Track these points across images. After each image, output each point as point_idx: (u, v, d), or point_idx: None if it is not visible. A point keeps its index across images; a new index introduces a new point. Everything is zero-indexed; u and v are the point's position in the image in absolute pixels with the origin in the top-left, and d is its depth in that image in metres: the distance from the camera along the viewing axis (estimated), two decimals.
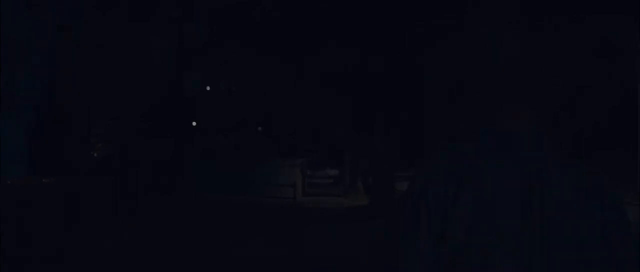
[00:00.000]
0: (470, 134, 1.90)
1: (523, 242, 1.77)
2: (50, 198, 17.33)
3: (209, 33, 29.75)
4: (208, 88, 36.45)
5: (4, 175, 20.92)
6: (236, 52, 29.91)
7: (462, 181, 1.80)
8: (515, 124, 1.88)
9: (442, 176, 1.83)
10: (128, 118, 28.07)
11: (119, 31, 26.67)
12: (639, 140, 28.86)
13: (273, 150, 35.99)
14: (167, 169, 27.61)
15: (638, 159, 28.67)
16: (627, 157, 32.43)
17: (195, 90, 33.71)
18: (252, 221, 19.58)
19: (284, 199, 28.97)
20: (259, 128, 38.22)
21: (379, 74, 22.58)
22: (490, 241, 1.76)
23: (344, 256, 13.18)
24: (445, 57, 26.51)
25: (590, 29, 31.24)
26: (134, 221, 18.76)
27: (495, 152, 1.86)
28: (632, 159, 31.27)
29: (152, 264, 11.94)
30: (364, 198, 29.14)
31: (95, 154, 27.61)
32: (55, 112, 25.22)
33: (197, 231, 16.94)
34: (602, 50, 31.16)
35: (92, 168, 26.60)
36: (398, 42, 22.51)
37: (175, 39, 29.18)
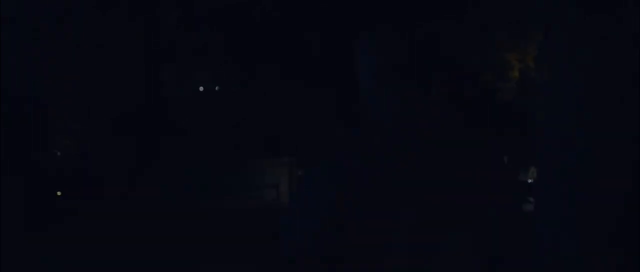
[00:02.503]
0: None
1: None
2: None
3: (188, 26, 27.60)
4: (201, 88, 35.46)
5: None
6: (220, 49, 28.02)
7: None
8: None
9: None
10: (98, 115, 25.68)
11: (94, 24, 24.32)
12: None
13: (260, 149, 33.64)
14: (134, 171, 25.11)
15: None
16: None
17: (173, 88, 31.62)
18: (217, 229, 17.00)
19: (267, 202, 26.50)
20: (253, 128, 36.27)
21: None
22: None
23: None
24: (445, 52, 25.19)
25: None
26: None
27: None
28: None
29: None
30: None
31: (58, 153, 25.22)
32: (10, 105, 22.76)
33: (136, 244, 14.42)
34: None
35: (56, 168, 24.27)
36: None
37: (152, 33, 26.78)
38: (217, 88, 37.51)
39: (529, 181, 17.29)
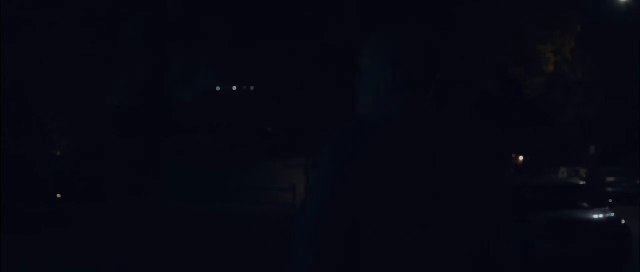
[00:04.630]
0: None
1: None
2: None
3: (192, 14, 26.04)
4: (218, 88, 34.81)
5: None
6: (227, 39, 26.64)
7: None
8: None
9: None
10: (98, 112, 24.06)
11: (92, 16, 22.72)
12: None
13: (273, 150, 32.08)
14: (138, 173, 23.40)
15: None
16: None
17: (182, 87, 30.29)
18: (226, 240, 15.23)
19: (281, 207, 24.66)
20: (269, 128, 35.04)
21: None
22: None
23: None
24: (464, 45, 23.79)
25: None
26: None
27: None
28: None
29: None
30: None
31: (58, 153, 23.61)
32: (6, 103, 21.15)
33: (140, 249, 13.06)
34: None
35: (56, 169, 22.71)
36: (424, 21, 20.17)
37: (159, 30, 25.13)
38: (234, 88, 36.62)
39: (581, 182, 15.42)
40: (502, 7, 24.24)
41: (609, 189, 28.69)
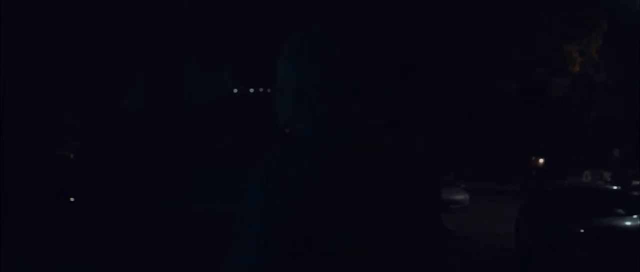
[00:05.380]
0: None
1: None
2: None
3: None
4: (235, 90, 34.61)
5: None
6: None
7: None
8: None
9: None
10: (112, 113, 23.58)
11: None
12: None
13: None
14: (152, 176, 22.87)
15: None
16: None
17: (198, 89, 29.87)
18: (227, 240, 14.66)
19: None
20: (286, 130, 34.69)
21: (416, 51, 19.56)
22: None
23: None
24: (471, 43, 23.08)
25: None
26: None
27: None
28: None
29: None
30: None
31: (71, 155, 23.14)
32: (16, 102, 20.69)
33: (155, 253, 12.63)
34: None
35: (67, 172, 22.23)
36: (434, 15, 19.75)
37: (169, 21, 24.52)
38: (251, 90, 36.30)
39: (615, 187, 14.76)
40: (523, 6, 23.46)
41: (635, 193, 27.84)
